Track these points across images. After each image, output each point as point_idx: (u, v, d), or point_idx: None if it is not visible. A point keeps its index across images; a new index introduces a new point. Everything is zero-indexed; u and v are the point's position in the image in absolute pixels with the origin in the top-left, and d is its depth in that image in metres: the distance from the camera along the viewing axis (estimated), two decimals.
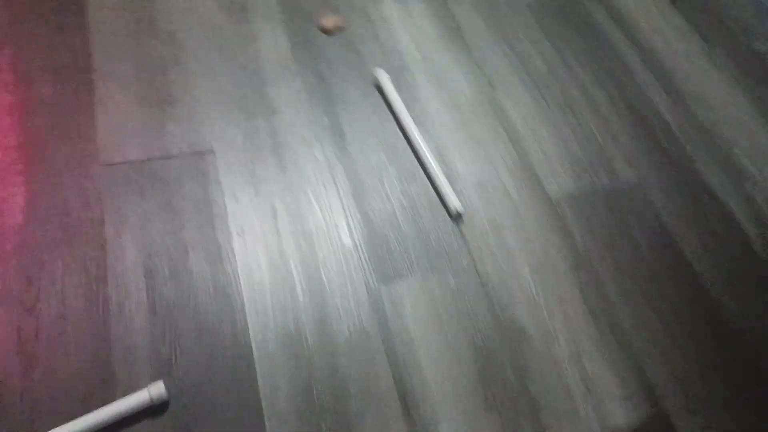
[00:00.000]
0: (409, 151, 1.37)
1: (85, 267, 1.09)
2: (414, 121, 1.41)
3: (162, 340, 1.05)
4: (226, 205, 1.21)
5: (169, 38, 1.43)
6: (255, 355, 1.06)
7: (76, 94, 1.30)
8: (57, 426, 0.93)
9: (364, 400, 1.06)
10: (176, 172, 1.23)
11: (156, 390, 0.97)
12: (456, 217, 1.29)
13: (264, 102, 1.37)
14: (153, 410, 0.98)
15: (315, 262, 1.18)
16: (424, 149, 1.35)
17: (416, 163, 1.36)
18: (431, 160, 1.34)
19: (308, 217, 1.23)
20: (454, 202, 1.29)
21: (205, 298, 1.10)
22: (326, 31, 1.50)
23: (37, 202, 1.15)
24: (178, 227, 1.17)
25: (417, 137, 1.36)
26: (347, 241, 1.22)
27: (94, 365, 1.00)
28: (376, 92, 1.44)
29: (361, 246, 1.22)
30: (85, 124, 1.26)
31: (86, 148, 1.23)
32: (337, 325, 1.12)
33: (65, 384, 0.98)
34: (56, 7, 1.41)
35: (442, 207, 1.30)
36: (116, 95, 1.31)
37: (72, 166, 1.20)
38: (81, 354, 1.01)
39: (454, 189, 1.33)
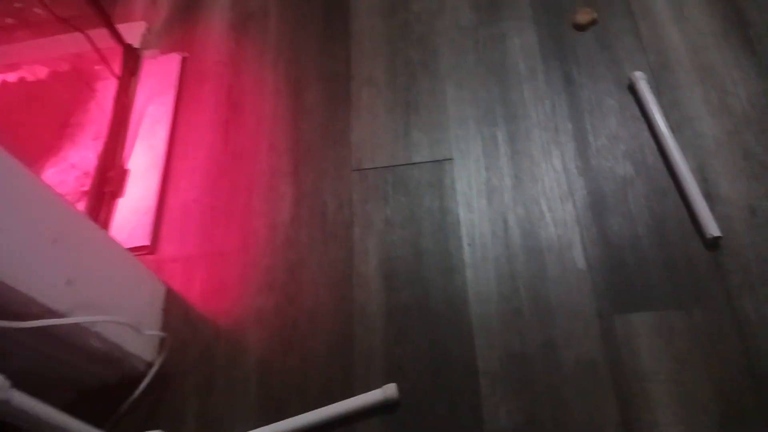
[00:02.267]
0: (662, 163, 1.24)
1: (335, 267, 1.23)
2: (671, 129, 1.26)
3: (396, 343, 1.14)
4: (459, 214, 1.25)
5: (421, 42, 1.48)
6: (480, 373, 1.09)
7: (336, 100, 1.44)
8: (301, 413, 1.09)
9: None
10: (416, 180, 1.30)
11: (390, 391, 1.07)
12: (712, 245, 1.14)
13: (506, 107, 1.35)
14: (383, 409, 1.08)
15: (544, 281, 1.16)
16: (680, 162, 1.20)
17: (669, 178, 1.22)
18: (688, 176, 1.19)
19: (540, 232, 1.21)
20: (711, 227, 1.14)
21: (434, 308, 1.16)
22: (579, 27, 1.41)
23: (301, 201, 1.32)
24: (415, 234, 1.24)
25: (673, 148, 1.22)
26: (581, 262, 1.17)
27: (336, 359, 1.14)
28: (629, 95, 1.32)
29: (595, 268, 1.16)
30: (342, 130, 1.39)
31: (341, 154, 1.36)
32: (563, 351, 1.09)
33: (312, 372, 1.13)
34: (325, 19, 1.56)
35: (696, 232, 1.16)
36: (369, 102, 1.42)
37: (330, 170, 1.35)
38: (327, 347, 1.16)
39: (714, 212, 1.16)
